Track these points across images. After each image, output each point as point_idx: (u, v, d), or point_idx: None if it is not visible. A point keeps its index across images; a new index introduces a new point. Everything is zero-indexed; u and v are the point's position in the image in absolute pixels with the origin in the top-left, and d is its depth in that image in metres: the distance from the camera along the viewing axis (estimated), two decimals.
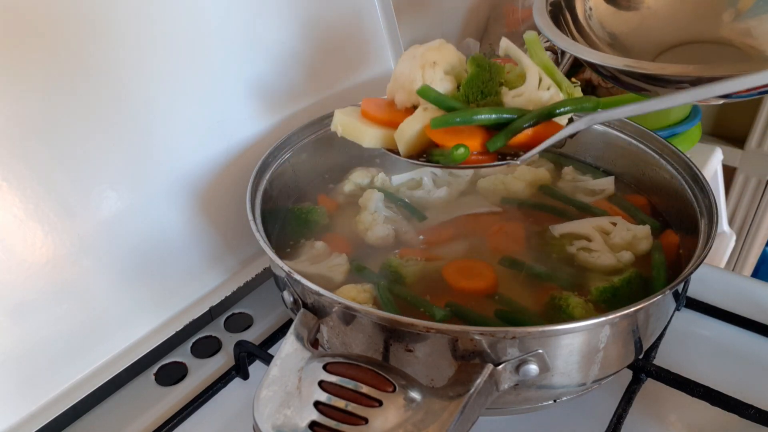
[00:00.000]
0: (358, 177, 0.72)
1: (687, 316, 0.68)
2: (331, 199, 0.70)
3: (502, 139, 0.51)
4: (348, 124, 0.58)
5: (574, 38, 0.66)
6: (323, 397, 0.39)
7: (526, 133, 0.51)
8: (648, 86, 0.61)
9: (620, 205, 0.67)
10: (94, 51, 0.54)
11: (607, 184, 0.70)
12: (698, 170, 0.60)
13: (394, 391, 0.39)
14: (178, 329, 0.62)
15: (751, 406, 0.53)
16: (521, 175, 0.71)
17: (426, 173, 0.72)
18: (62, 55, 0.52)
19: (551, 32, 0.63)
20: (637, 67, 0.57)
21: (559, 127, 0.52)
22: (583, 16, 0.78)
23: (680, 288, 0.53)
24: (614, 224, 0.62)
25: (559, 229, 0.62)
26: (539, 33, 0.63)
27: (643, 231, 0.61)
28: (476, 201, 0.69)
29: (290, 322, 0.49)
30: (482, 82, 0.53)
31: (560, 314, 0.52)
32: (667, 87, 0.59)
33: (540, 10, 0.67)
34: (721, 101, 0.74)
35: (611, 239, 0.60)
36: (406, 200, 0.68)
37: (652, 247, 0.60)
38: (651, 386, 0.58)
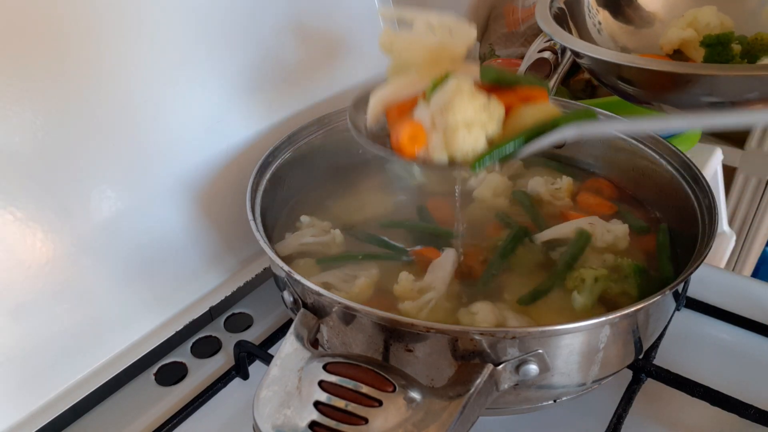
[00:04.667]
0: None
1: (687, 316, 0.68)
2: None
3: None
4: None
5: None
6: (323, 397, 0.39)
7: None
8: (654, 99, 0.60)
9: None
10: (94, 51, 0.54)
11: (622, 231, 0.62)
12: (698, 170, 0.60)
13: (394, 391, 0.39)
14: (178, 329, 0.62)
15: (751, 406, 0.53)
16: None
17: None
18: (61, 55, 0.52)
19: (556, 32, 0.63)
20: (639, 64, 0.56)
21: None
22: (592, 29, 0.77)
23: (680, 288, 0.53)
24: (592, 225, 0.61)
25: (540, 237, 0.62)
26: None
27: (622, 230, 0.61)
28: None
29: (290, 322, 0.49)
30: None
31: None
32: (678, 106, 0.58)
33: (543, 14, 0.66)
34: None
35: (594, 242, 0.60)
36: None
37: (659, 231, 0.62)
38: (651, 386, 0.58)
